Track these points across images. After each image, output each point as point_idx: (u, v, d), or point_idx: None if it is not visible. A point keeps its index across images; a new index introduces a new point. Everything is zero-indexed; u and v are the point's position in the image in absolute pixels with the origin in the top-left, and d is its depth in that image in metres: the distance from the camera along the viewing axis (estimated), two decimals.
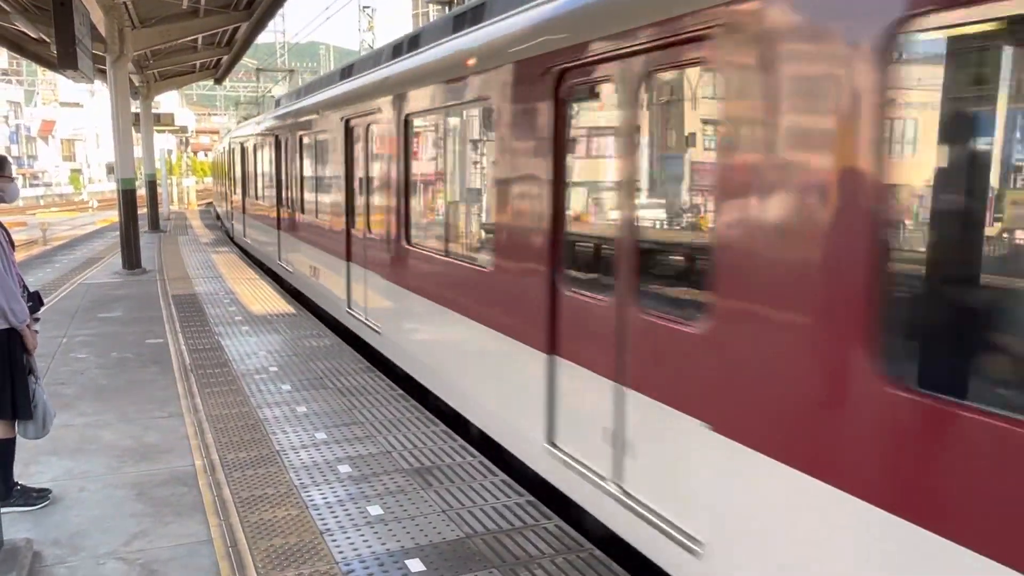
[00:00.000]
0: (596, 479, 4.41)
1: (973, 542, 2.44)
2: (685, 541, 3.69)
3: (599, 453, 4.37)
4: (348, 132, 9.68)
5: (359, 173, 9.38)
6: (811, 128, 3.05)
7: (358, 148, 9.41)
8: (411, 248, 7.52)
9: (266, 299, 13.20)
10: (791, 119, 3.13)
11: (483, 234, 6.17)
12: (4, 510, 4.59)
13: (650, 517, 3.96)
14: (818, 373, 3.02)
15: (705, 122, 3.94)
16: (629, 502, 4.12)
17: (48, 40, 16.58)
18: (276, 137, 14.94)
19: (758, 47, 3.25)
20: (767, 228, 3.21)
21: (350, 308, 9.72)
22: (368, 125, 8.89)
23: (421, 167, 7.74)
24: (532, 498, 5.17)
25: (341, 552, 4.44)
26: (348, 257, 9.65)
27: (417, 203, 7.70)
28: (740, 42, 3.34)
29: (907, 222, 2.86)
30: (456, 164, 7.10)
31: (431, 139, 7.65)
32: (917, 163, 2.85)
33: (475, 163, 6.42)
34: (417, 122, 7.58)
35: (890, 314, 2.72)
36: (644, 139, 4.20)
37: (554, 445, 4.86)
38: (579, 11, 4.63)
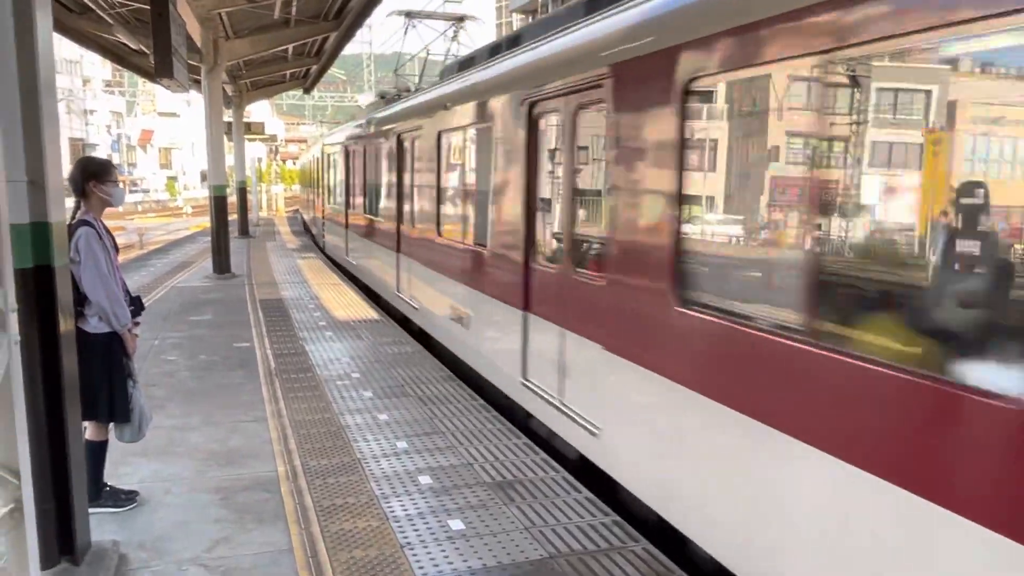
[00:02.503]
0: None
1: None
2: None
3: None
4: None
5: None
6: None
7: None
8: None
9: (349, 305, 13.32)
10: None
11: None
12: (93, 511, 4.64)
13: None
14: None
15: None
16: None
17: (147, 51, 17.19)
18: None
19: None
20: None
21: None
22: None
23: None
24: (618, 518, 4.97)
25: (421, 567, 4.32)
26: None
27: None
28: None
29: None
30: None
31: None
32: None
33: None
34: None
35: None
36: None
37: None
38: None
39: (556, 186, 6.24)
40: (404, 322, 11.47)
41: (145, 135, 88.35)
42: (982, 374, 2.76)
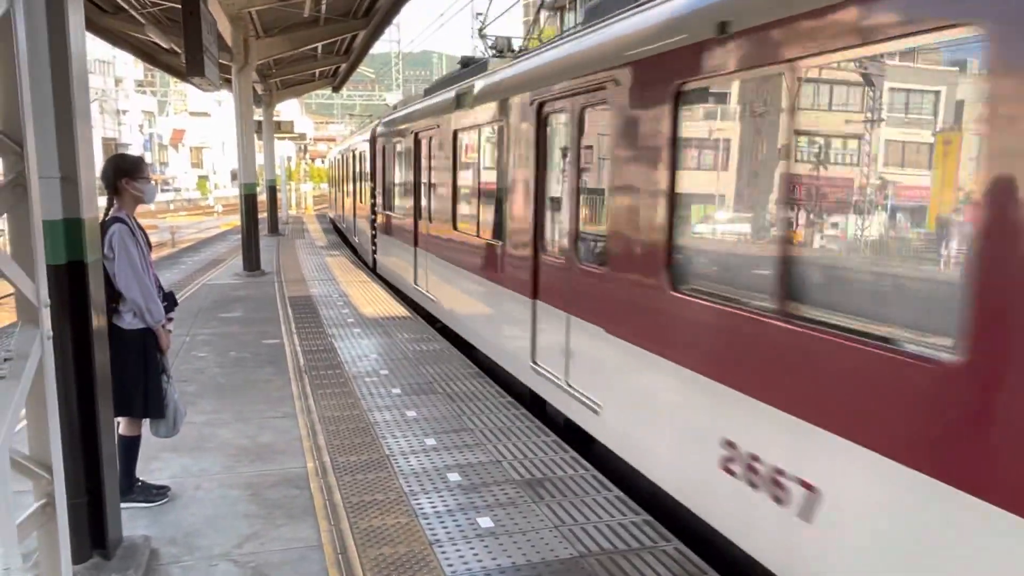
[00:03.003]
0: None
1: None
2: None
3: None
4: None
5: None
6: None
7: None
8: None
9: (377, 301, 13.34)
10: None
11: None
12: (124, 506, 4.68)
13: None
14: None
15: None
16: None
17: (178, 50, 17.36)
18: None
19: None
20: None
21: None
22: None
23: None
24: (649, 517, 4.91)
25: (451, 565, 4.30)
26: None
27: None
28: None
29: None
30: None
31: None
32: None
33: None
34: None
35: None
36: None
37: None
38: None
39: None
40: (535, 402, 7.33)
41: (177, 134, 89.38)
42: None
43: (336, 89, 38.15)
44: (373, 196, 17.03)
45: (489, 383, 8.06)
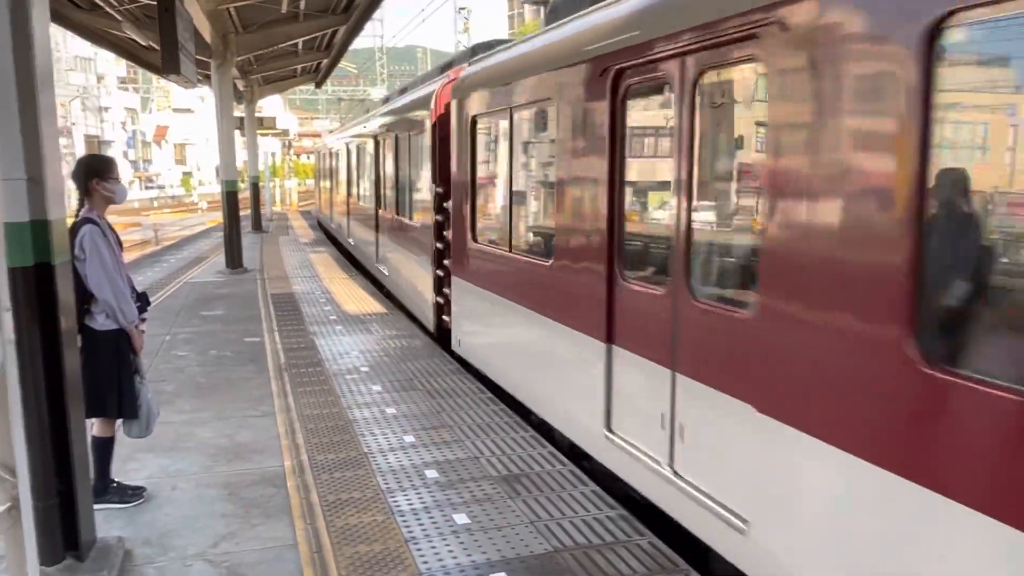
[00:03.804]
0: None
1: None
2: None
3: None
4: None
5: None
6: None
7: None
8: None
9: (359, 299, 13.32)
10: None
11: None
12: (99, 507, 4.66)
13: None
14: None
15: None
16: None
17: (156, 47, 17.23)
18: None
19: None
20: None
21: None
22: None
23: None
24: (624, 512, 4.93)
25: (426, 562, 4.30)
26: None
27: None
28: None
29: None
30: None
31: None
32: None
33: None
34: None
35: None
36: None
37: None
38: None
39: None
40: None
41: (160, 131, 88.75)
42: None
43: (318, 85, 38.05)
44: (440, 210, 9.57)
45: (469, 379, 8.06)
